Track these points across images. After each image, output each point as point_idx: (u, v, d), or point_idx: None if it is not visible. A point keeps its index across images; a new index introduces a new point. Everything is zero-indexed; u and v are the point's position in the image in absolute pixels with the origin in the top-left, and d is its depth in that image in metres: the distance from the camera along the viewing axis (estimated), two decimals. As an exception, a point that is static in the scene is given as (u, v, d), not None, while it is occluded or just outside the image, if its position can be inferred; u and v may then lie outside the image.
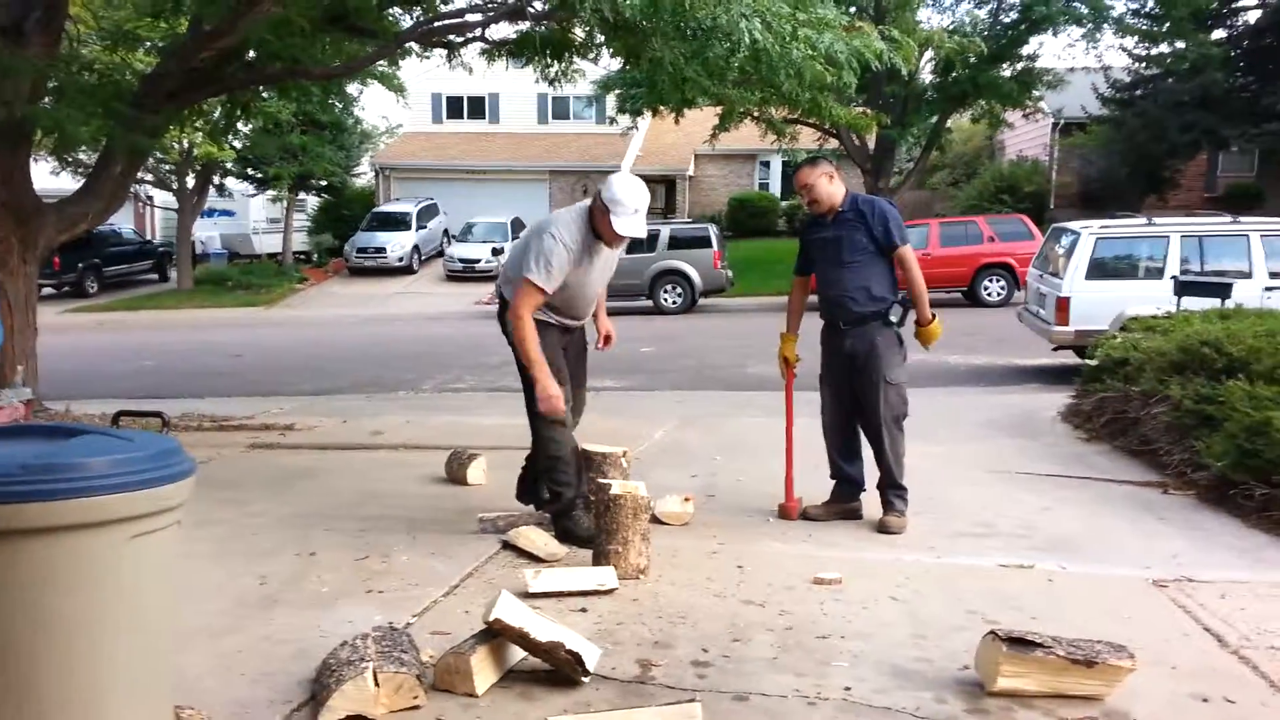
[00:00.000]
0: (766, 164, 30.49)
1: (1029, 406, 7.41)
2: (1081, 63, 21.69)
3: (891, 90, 19.38)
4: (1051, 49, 40.13)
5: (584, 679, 2.72)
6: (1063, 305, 8.71)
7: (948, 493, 4.94)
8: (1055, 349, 9.39)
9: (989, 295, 16.99)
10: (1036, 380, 9.14)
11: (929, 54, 18.12)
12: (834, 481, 4.58)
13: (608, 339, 4.54)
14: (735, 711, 2.59)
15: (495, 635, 2.74)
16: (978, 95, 19.91)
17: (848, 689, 2.72)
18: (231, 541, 4.16)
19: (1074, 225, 9.45)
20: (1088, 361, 7.15)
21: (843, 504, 4.53)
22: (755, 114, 17.17)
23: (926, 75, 20.59)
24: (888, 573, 3.71)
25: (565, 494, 4.14)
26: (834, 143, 21.64)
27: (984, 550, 4.03)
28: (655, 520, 4.25)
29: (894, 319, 4.30)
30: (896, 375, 4.36)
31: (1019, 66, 20.08)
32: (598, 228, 4.05)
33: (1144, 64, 22.20)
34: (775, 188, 30.39)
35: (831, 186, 4.35)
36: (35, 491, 1.87)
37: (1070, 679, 2.65)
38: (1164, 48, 21.23)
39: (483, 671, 2.69)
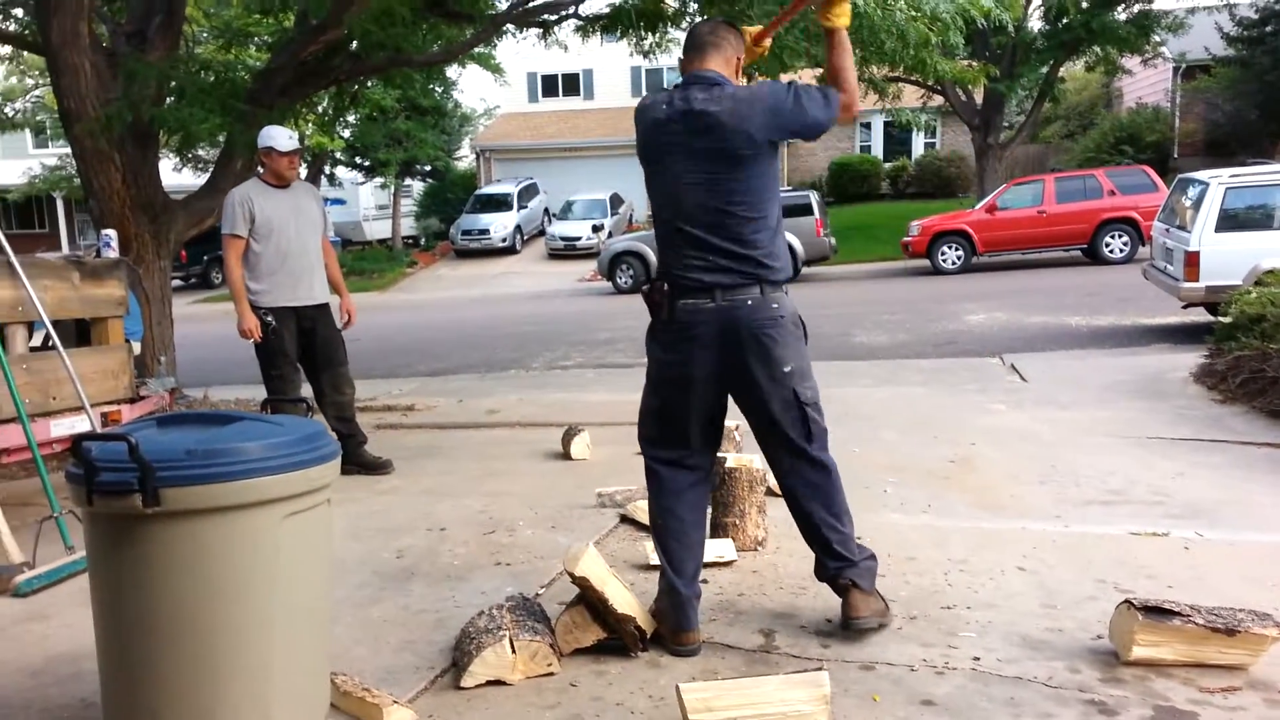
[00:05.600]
0: (868, 125, 29.74)
1: (1158, 368, 7.10)
2: (1203, 1, 20.39)
3: (999, 41, 18.64)
4: (1170, -13, 37.92)
5: (642, 653, 2.78)
6: (1192, 260, 8.27)
7: (1073, 460, 4.80)
8: (1185, 307, 8.97)
9: (1111, 252, 16.25)
10: (1165, 340, 8.74)
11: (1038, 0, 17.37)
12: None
13: (350, 317, 5.18)
14: (862, 680, 2.60)
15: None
16: (1092, 41, 18.95)
17: (976, 659, 2.70)
18: (366, 518, 4.37)
19: (1201, 175, 8.95)
20: (1220, 319, 6.80)
21: None
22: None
23: (1036, 23, 19.72)
24: (1013, 543, 3.64)
25: None
26: (939, 99, 20.97)
27: (1114, 518, 3.90)
28: (770, 493, 4.26)
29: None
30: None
31: (1135, 9, 19.03)
32: (271, 169, 4.88)
33: (1274, -3, 20.78)
34: (878, 149, 29.64)
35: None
36: (200, 475, 2.01)
37: (1211, 648, 2.57)
38: (1298, -23, 19.83)
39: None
